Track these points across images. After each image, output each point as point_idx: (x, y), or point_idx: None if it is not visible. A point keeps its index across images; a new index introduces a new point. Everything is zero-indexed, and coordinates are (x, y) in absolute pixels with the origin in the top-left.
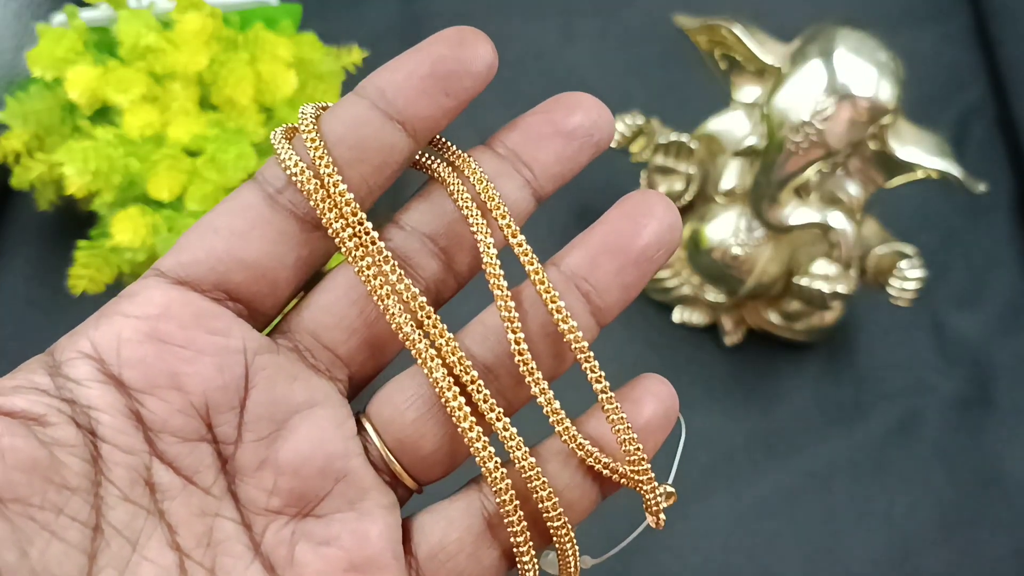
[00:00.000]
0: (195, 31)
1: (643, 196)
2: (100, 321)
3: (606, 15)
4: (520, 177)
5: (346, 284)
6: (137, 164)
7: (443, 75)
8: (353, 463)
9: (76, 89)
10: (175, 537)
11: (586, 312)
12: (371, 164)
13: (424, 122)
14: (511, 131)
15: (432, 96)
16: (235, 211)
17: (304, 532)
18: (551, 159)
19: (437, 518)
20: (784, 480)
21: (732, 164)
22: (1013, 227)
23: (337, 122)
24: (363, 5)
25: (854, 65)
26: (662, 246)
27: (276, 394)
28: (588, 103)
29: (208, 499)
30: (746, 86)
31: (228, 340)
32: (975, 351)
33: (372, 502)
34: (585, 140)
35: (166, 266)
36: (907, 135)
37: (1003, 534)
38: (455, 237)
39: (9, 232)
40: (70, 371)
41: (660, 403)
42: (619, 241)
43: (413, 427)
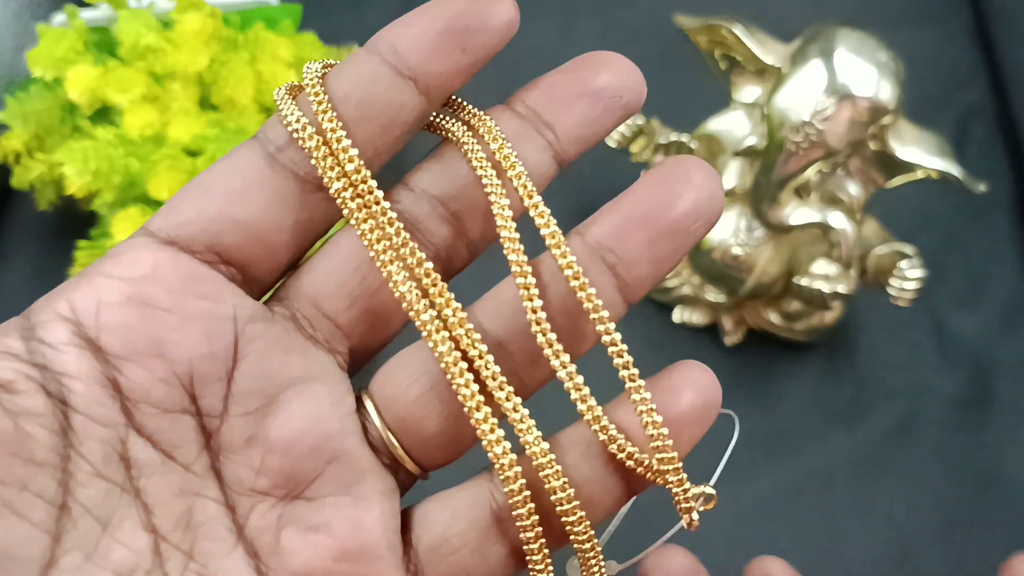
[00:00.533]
0: (195, 31)
1: (680, 161)
2: (81, 282)
3: (606, 15)
4: (541, 139)
5: (349, 249)
6: (137, 164)
7: (460, 30)
8: (349, 443)
9: (76, 89)
10: (151, 518)
11: (612, 287)
12: (379, 123)
13: (438, 79)
14: (533, 90)
15: (447, 52)
16: (232, 169)
17: (292, 516)
18: (575, 121)
19: (441, 508)
20: (784, 480)
21: (732, 164)
22: (1013, 227)
23: (344, 78)
24: (363, 5)
25: (854, 65)
26: (700, 216)
27: (268, 366)
28: (618, 62)
29: (189, 477)
30: (746, 86)
31: (218, 306)
32: (975, 351)
33: (368, 486)
34: (613, 102)
35: (156, 225)
36: (907, 135)
37: (1003, 534)
38: (468, 201)
39: (9, 232)
40: (44, 334)
41: (699, 393)
42: (652, 210)
43: (416, 405)
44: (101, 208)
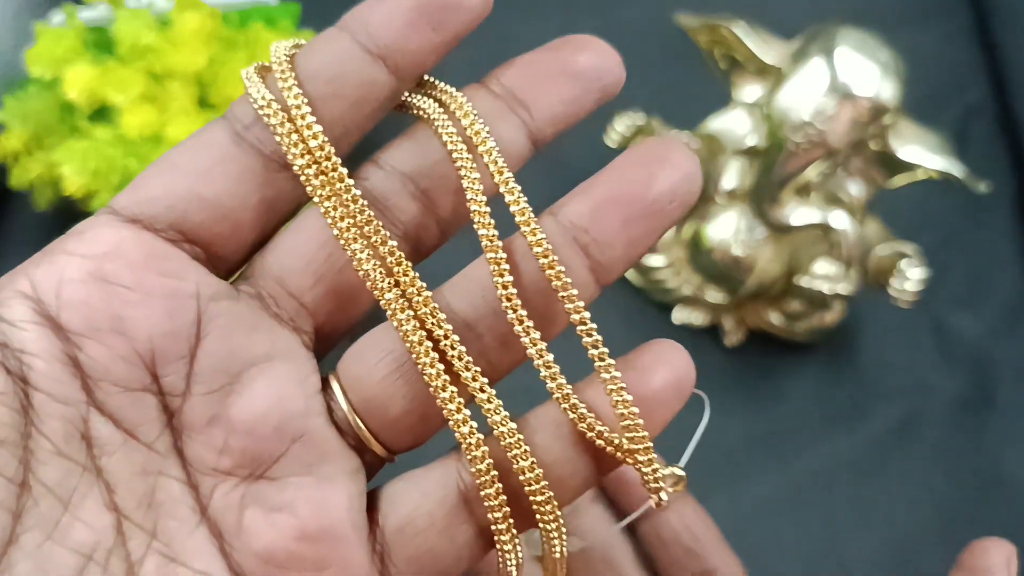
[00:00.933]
0: (194, 30)
1: (658, 142)
2: (42, 259)
3: (606, 14)
4: (516, 118)
5: (315, 226)
6: (136, 164)
7: (433, 6)
8: (314, 423)
9: (75, 89)
10: (113, 497)
11: (584, 268)
12: (348, 100)
13: (409, 57)
14: (510, 68)
15: (419, 30)
16: (199, 147)
17: (255, 496)
18: (552, 100)
19: (408, 488)
20: (784, 480)
21: (733, 164)
22: (1014, 227)
23: (314, 56)
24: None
25: (855, 64)
26: (676, 197)
27: (232, 344)
28: (597, 45)
29: (151, 456)
30: (747, 85)
31: (180, 283)
32: (976, 351)
33: (333, 467)
34: (591, 83)
35: (120, 204)
36: (908, 134)
37: (1004, 535)
38: (439, 178)
39: (7, 232)
40: (4, 312)
41: (672, 372)
42: (628, 189)
43: (381, 387)
44: (100, 208)
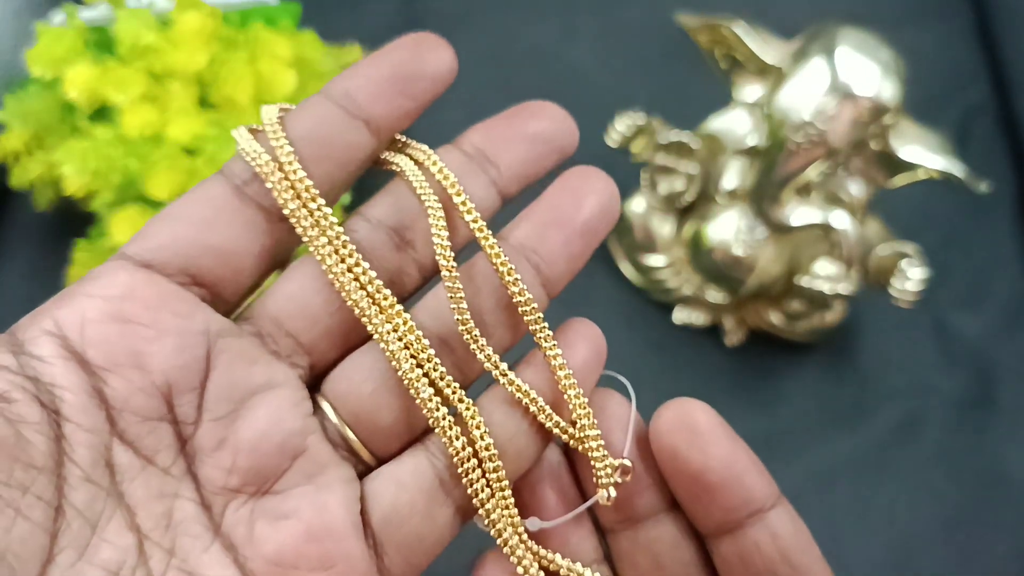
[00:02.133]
0: (194, 30)
1: (582, 172)
2: (63, 301)
3: (607, 14)
4: (485, 175)
5: (310, 274)
6: (136, 163)
7: (402, 77)
8: (311, 439)
9: (75, 88)
10: (134, 518)
11: (537, 283)
12: (335, 161)
13: (386, 121)
14: (477, 132)
15: (392, 97)
16: (201, 200)
17: (263, 509)
18: (516, 160)
19: (385, 482)
20: (785, 480)
21: (733, 164)
22: (1015, 226)
23: (302, 120)
24: (363, 4)
25: (856, 64)
26: (603, 218)
27: (235, 375)
28: (552, 111)
29: (167, 480)
30: (747, 85)
31: (191, 322)
32: (977, 351)
33: (330, 475)
34: (548, 145)
35: (131, 251)
36: (909, 134)
37: (1005, 534)
38: (417, 229)
39: (8, 232)
40: (33, 349)
41: (591, 344)
42: (563, 214)
43: (371, 400)
44: (100, 208)
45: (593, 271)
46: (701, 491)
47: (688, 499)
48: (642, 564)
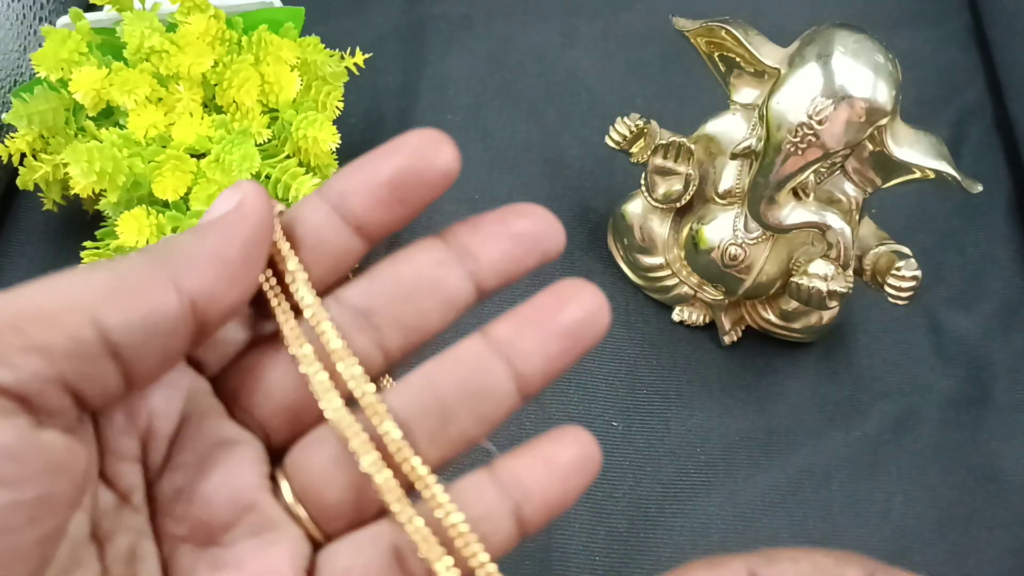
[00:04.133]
0: (199, 33)
1: (573, 282)
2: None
3: (607, 17)
4: (463, 268)
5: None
6: (142, 165)
7: (400, 184)
8: (263, 497)
9: (81, 90)
10: (102, 551)
11: (507, 376)
12: (326, 267)
13: (379, 228)
14: (463, 227)
15: (388, 205)
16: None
17: (206, 559)
18: (496, 255)
19: (342, 546)
20: (782, 478)
21: (730, 165)
22: (1010, 227)
23: (297, 224)
24: (366, 8)
25: (852, 67)
26: (587, 326)
27: (204, 429)
28: (539, 214)
29: (136, 518)
30: (745, 88)
31: (177, 377)
32: (972, 350)
33: (279, 532)
34: (532, 245)
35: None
36: (904, 136)
37: (1000, 532)
38: (385, 315)
39: (15, 232)
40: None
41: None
42: (543, 315)
43: (318, 475)
44: (106, 208)
45: (592, 270)
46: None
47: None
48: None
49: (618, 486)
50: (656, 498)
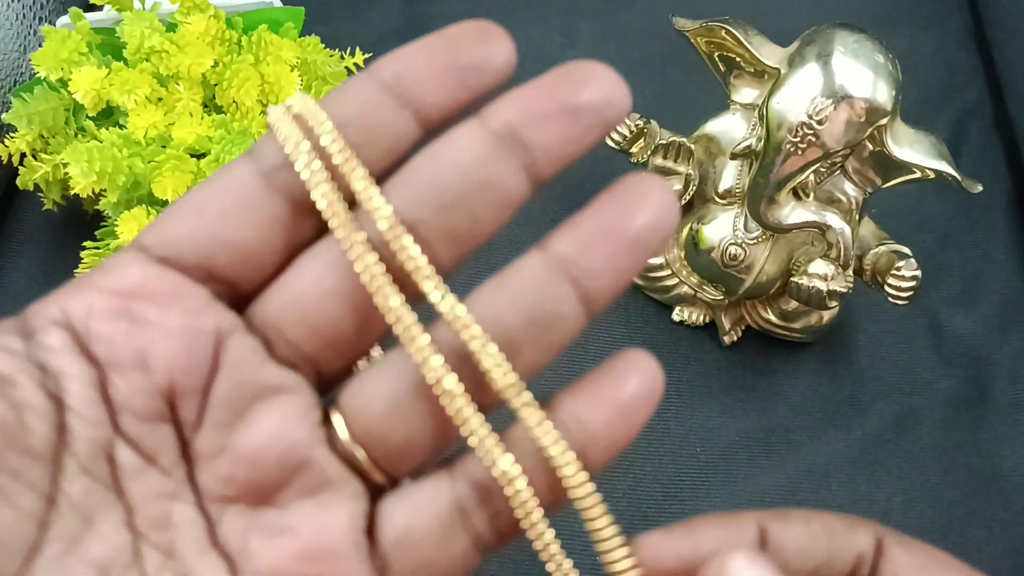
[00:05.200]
0: (199, 33)
1: (638, 178)
2: (73, 291)
3: (606, 17)
4: (515, 160)
5: (312, 278)
6: (142, 165)
7: (463, 67)
8: (316, 452)
9: (81, 90)
10: (131, 517)
11: (574, 299)
12: (380, 150)
13: (436, 112)
14: (509, 104)
15: (449, 87)
16: (225, 191)
17: (259, 522)
18: (554, 140)
19: (403, 503)
20: (782, 477)
21: (730, 165)
22: (1010, 227)
23: (347, 103)
24: (366, 9)
25: (852, 67)
26: (657, 229)
27: (241, 377)
28: (601, 74)
29: (167, 482)
30: (745, 88)
31: (201, 321)
32: (972, 350)
33: (334, 492)
34: (592, 119)
35: (148, 241)
36: (904, 136)
37: (999, 531)
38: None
39: (14, 232)
40: (43, 338)
41: (643, 379)
42: (612, 224)
43: (382, 418)
44: (106, 208)
45: None
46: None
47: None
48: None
49: (618, 486)
50: (656, 498)
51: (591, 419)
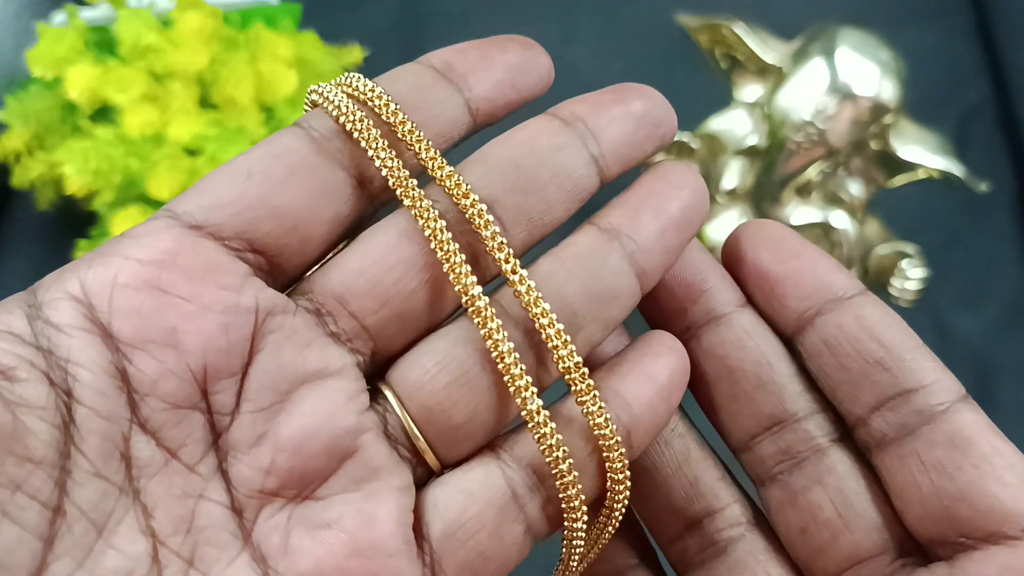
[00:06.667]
0: (195, 30)
1: (675, 165)
2: (95, 260)
3: (607, 14)
4: (587, 152)
5: (385, 247)
6: (137, 163)
7: (510, 65)
8: (364, 439)
9: (76, 88)
10: (150, 521)
11: (631, 274)
12: (432, 132)
13: (485, 105)
14: (578, 103)
15: (498, 81)
16: (274, 155)
17: (302, 516)
18: (619, 139)
19: (452, 491)
20: None
21: (734, 163)
22: (1015, 226)
23: (399, 84)
24: (363, 4)
25: (856, 64)
26: (696, 215)
27: (283, 360)
28: (653, 94)
29: (192, 478)
30: (748, 85)
31: (239, 297)
32: (976, 350)
33: (382, 482)
34: (652, 129)
35: (182, 208)
36: (909, 134)
37: None
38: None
39: (9, 231)
40: (51, 314)
41: (677, 358)
42: (659, 203)
43: (445, 393)
44: (101, 207)
45: None
46: (775, 283)
47: (765, 296)
48: (711, 371)
49: None
50: None
51: (635, 398)
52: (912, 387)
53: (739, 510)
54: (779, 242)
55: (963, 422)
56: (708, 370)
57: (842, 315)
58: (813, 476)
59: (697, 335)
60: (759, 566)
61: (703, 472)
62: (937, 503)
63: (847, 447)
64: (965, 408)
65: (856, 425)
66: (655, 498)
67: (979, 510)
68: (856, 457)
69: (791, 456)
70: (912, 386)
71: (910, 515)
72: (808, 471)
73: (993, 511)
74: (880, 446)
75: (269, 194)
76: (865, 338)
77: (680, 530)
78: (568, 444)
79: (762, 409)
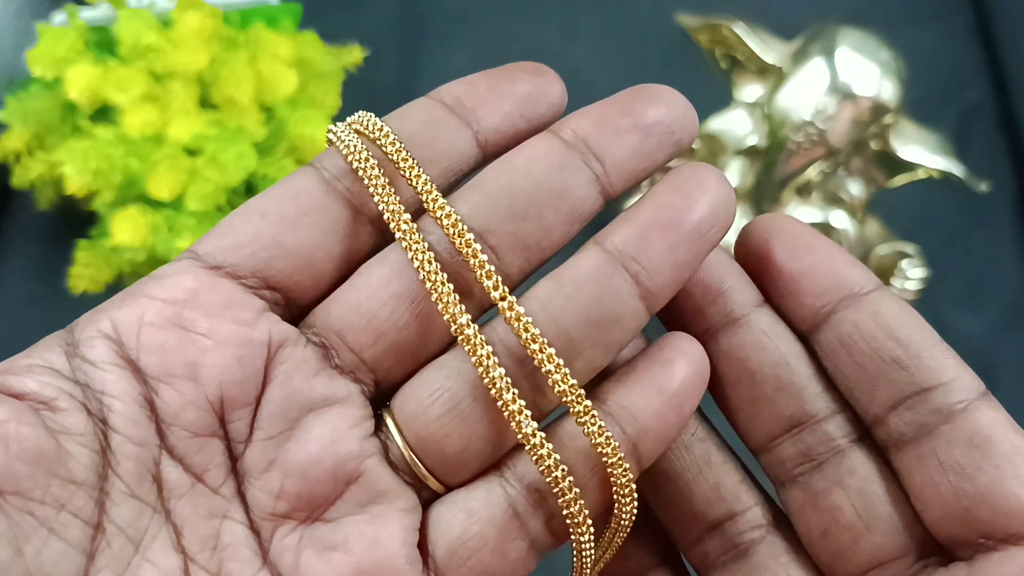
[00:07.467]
0: (195, 30)
1: (695, 168)
2: (125, 301)
3: (607, 14)
4: (589, 171)
5: (379, 282)
6: (137, 163)
7: (521, 96)
8: (368, 463)
9: (76, 88)
10: (180, 539)
11: (635, 296)
12: (440, 166)
13: (494, 136)
14: (582, 119)
15: (507, 112)
16: (287, 196)
17: (312, 538)
18: (625, 154)
19: (454, 510)
20: None
21: (734, 163)
22: (1015, 227)
23: (408, 120)
24: (363, 4)
25: (856, 64)
26: (716, 222)
27: (292, 389)
28: (670, 96)
29: (216, 500)
30: (748, 85)
31: (253, 332)
32: (977, 350)
33: (387, 505)
34: (665, 137)
35: (204, 249)
36: (909, 134)
37: None
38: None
39: (9, 231)
40: (87, 352)
41: (692, 363)
42: (670, 216)
43: (438, 424)
44: (101, 207)
45: None
46: (791, 280)
47: (780, 293)
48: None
49: None
50: None
51: (642, 410)
52: (930, 385)
53: (760, 512)
54: (793, 237)
55: (983, 420)
56: (727, 372)
57: (858, 312)
58: (833, 478)
59: (715, 337)
60: (780, 568)
61: (724, 475)
62: (957, 504)
63: (867, 447)
64: (985, 406)
65: (874, 424)
66: (676, 503)
67: (1000, 511)
68: (876, 457)
69: (811, 458)
70: (930, 384)
71: (930, 516)
72: (828, 473)
73: (1014, 512)
74: (898, 446)
75: (282, 234)
76: (882, 336)
77: (702, 533)
78: (569, 462)
79: (782, 411)
